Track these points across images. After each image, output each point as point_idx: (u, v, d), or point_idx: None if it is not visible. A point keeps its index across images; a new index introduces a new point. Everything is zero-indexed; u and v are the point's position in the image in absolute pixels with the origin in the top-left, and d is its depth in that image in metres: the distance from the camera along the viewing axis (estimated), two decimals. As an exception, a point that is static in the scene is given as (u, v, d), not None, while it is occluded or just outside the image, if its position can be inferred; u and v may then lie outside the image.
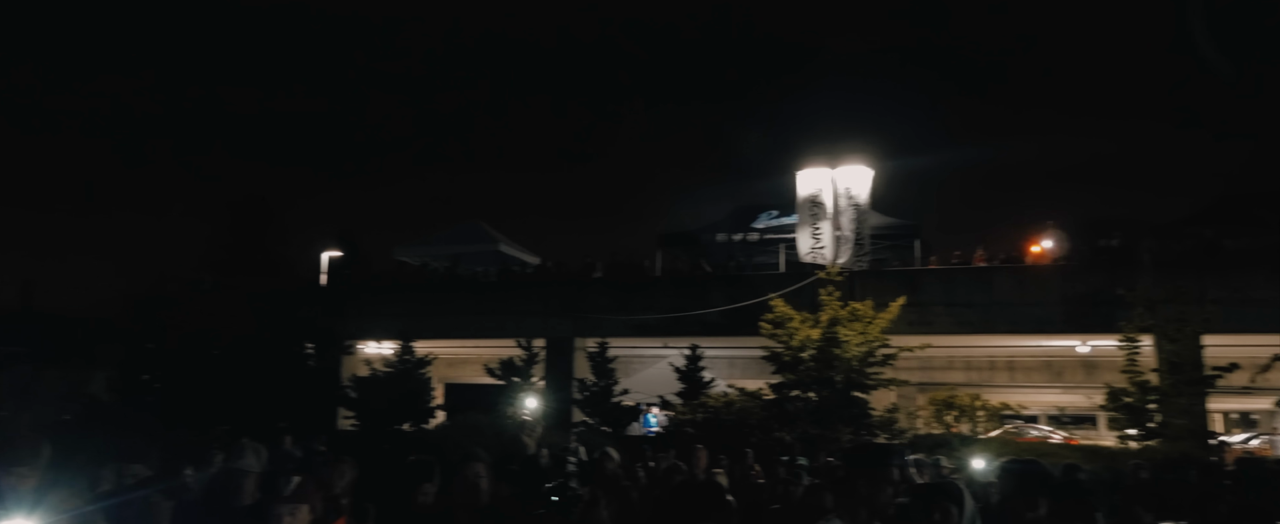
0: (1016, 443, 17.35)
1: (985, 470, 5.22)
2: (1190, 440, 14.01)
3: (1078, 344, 20.69)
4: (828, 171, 19.19)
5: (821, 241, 18.85)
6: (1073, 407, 29.52)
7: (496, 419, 15.40)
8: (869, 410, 15.29)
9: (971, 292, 18.19)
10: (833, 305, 15.67)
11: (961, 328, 18.40)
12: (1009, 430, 23.34)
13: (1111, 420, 15.40)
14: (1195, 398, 14.71)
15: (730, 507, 5.81)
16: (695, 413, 16.11)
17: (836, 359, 15.21)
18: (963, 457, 10.58)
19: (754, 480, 7.01)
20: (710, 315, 19.33)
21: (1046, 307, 17.74)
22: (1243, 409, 30.26)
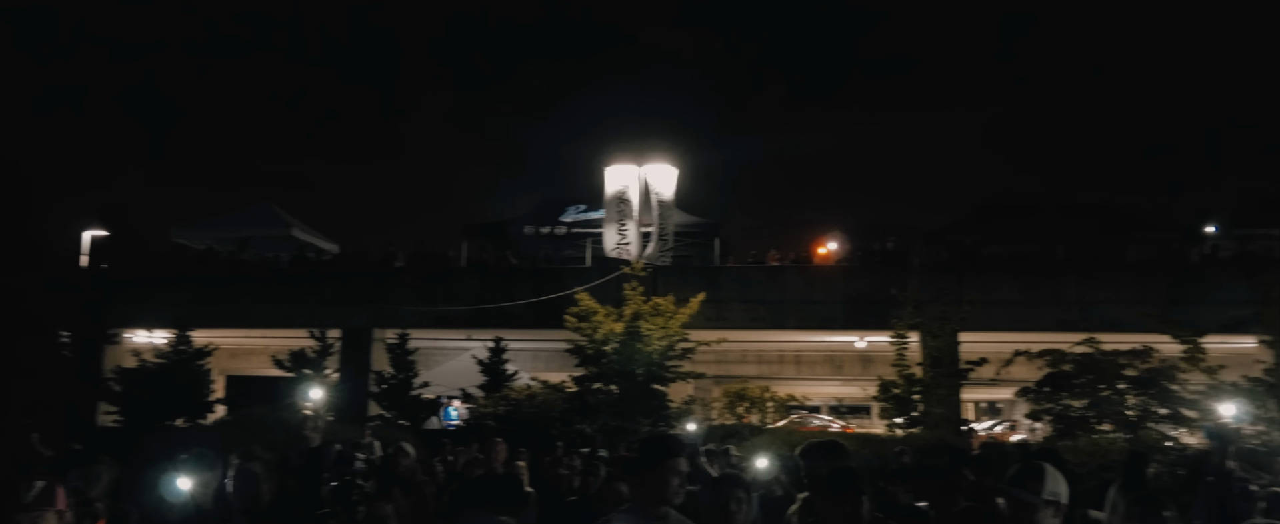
0: (801, 432, 18.54)
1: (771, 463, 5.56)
2: (946, 427, 15.56)
3: (856, 340, 22.37)
4: (635, 169, 19.63)
5: (627, 237, 19.27)
6: (851, 397, 32.01)
7: (281, 413, 14.54)
8: (668, 402, 15.81)
9: (765, 290, 19.26)
10: (636, 300, 16.05)
11: (755, 323, 19.43)
12: (794, 420, 24.94)
13: (882, 410, 16.79)
14: (952, 389, 16.36)
15: (529, 499, 5.84)
16: (497, 406, 15.99)
17: (638, 353, 15.60)
18: (753, 446, 11.17)
19: (556, 472, 7.07)
20: (515, 308, 19.23)
21: (831, 305, 19.08)
22: (990, 399, 33.99)
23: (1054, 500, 2.63)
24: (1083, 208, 31.15)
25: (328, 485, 4.81)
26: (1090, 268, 20.14)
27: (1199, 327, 14.70)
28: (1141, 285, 17.88)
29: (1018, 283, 18.49)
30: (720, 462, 7.87)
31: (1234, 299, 16.29)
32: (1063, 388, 14.55)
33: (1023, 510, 2.63)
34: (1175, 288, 17.54)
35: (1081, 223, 28.10)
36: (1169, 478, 8.72)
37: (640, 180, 19.67)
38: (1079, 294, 17.96)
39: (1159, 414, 13.67)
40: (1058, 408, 14.56)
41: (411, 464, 5.89)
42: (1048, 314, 17.69)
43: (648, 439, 3.46)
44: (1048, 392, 14.72)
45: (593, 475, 6.34)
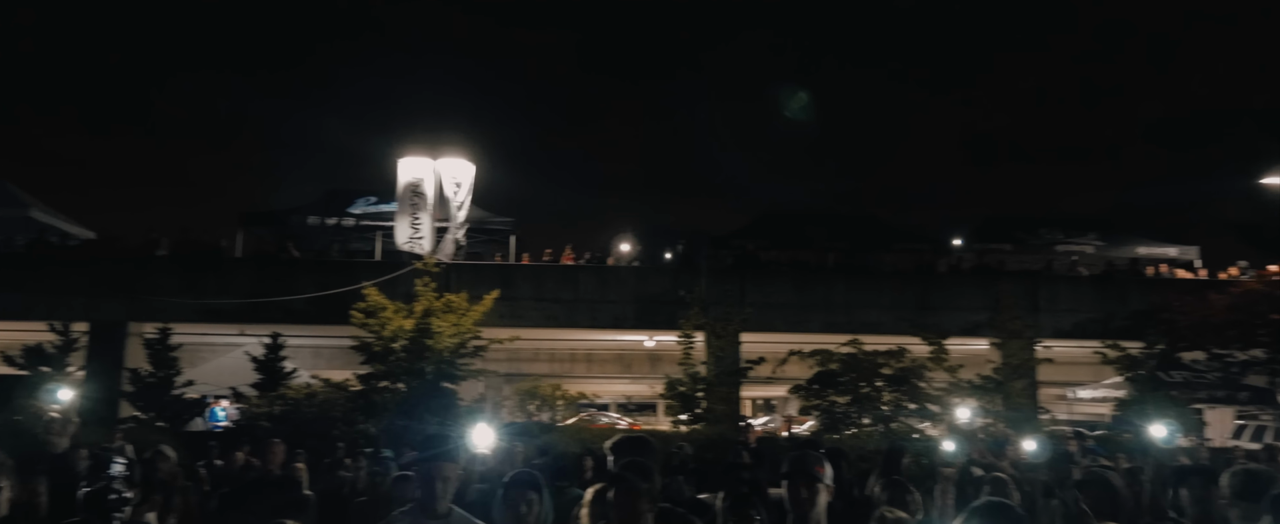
0: (591, 429, 18.84)
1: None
2: (726, 423, 16.42)
3: (646, 339, 23.07)
4: (430, 161, 19.13)
5: (420, 232, 18.72)
6: (639, 395, 32.92)
7: (15, 415, 12.85)
8: (458, 400, 15.54)
9: (560, 288, 19.40)
10: (428, 296, 15.66)
11: (549, 322, 19.53)
12: (584, 418, 25.34)
13: (668, 407, 17.44)
14: (733, 387, 17.28)
15: (308, 501, 5.56)
16: (272, 406, 15.03)
17: (428, 350, 15.23)
18: (546, 443, 11.23)
19: (338, 473, 6.76)
20: (296, 302, 18.14)
21: (623, 305, 19.54)
22: (765, 396, 36.14)
23: (828, 484, 2.97)
24: (852, 218, 33.85)
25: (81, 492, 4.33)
26: (856, 275, 21.94)
27: (943, 330, 16.46)
28: (898, 292, 19.68)
29: (794, 287, 19.80)
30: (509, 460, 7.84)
31: (972, 306, 18.37)
32: (830, 385, 15.78)
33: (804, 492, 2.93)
34: (925, 295, 19.47)
35: (850, 232, 30.54)
36: (915, 467, 9.72)
37: (435, 174, 19.19)
38: (846, 299, 19.48)
39: (909, 408, 15.17)
40: (825, 404, 15.79)
41: (171, 468, 5.45)
42: (819, 317, 19.07)
43: (434, 436, 3.45)
44: (817, 389, 15.91)
45: (379, 476, 6.14)
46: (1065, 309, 18.84)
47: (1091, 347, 16.99)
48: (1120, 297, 18.99)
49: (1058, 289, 19.75)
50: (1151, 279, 22.01)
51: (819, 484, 2.95)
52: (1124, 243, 30.29)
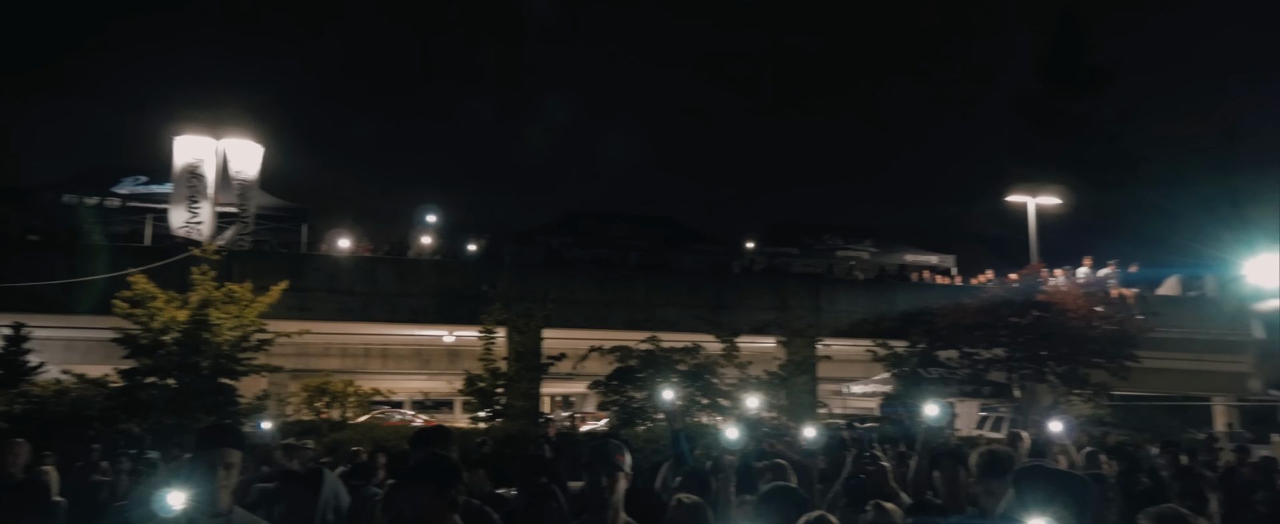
0: (383, 427, 18.18)
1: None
2: (526, 419, 16.39)
3: (445, 334, 22.56)
4: (211, 142, 17.72)
5: (199, 216, 17.30)
6: (436, 392, 32.07)
7: None
8: (237, 397, 14.49)
9: (355, 280, 18.56)
10: (206, 286, 14.47)
11: (343, 315, 18.64)
12: (376, 415, 24.35)
13: (466, 403, 17.15)
14: (533, 382, 17.26)
15: (59, 508, 4.99)
16: (13, 404, 13.32)
17: (205, 343, 14.08)
18: (334, 441, 10.73)
19: (93, 478, 6.11)
20: (46, 289, 16.19)
21: (423, 298, 19.01)
22: (565, 392, 36.40)
23: (627, 472, 3.06)
24: (653, 219, 34.85)
25: None
26: (656, 273, 22.59)
27: (735, 328, 17.29)
28: (695, 291, 20.47)
29: (596, 284, 20.10)
30: (299, 457, 7.44)
31: (762, 305, 19.41)
32: (628, 381, 16.14)
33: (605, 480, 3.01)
34: (720, 294, 20.38)
35: (652, 233, 31.43)
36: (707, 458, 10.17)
37: (218, 155, 17.79)
38: (646, 296, 20.01)
39: (702, 403, 15.80)
40: (622, 399, 16.13)
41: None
42: (620, 314, 19.46)
43: (202, 429, 3.24)
44: (615, 385, 16.22)
45: (147, 477, 5.61)
46: (843, 310, 20.35)
47: (864, 345, 18.43)
48: (890, 299, 20.77)
49: (837, 291, 21.30)
50: (916, 284, 24.25)
51: (619, 473, 3.04)
52: (894, 250, 33.19)
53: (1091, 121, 39.32)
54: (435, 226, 24.13)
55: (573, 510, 4.30)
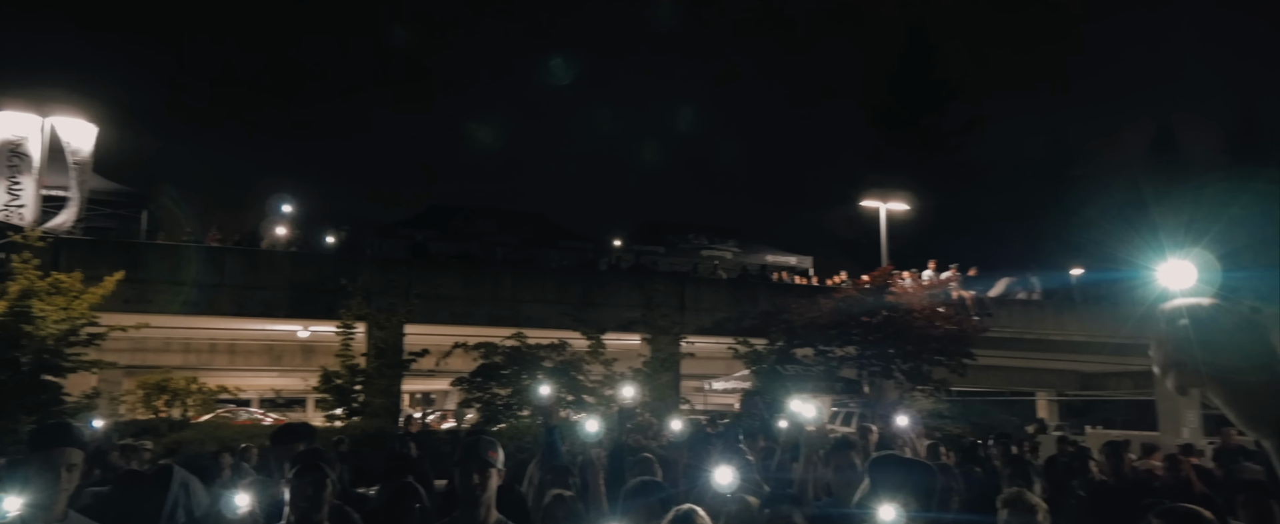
0: (230, 426, 17.22)
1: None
2: (385, 417, 15.92)
3: (299, 329, 21.60)
4: (37, 118, 16.27)
5: (21, 199, 15.86)
6: (289, 389, 30.66)
7: None
8: (62, 396, 13.35)
9: (201, 271, 17.43)
10: (29, 275, 13.25)
11: (186, 308, 17.48)
12: (221, 414, 23.04)
13: (321, 401, 16.47)
14: (393, 379, 16.78)
15: None
16: None
17: (27, 337, 12.90)
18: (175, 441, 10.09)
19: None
20: None
21: (276, 291, 18.09)
22: (426, 389, 35.57)
23: (500, 469, 3.04)
24: (521, 215, 34.55)
25: None
26: (523, 269, 22.40)
27: (602, 325, 17.39)
28: (562, 288, 20.43)
29: (461, 280, 19.72)
30: (137, 458, 6.95)
31: (628, 303, 19.59)
32: (492, 378, 15.94)
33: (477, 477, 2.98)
34: (587, 292, 20.42)
35: (519, 228, 31.15)
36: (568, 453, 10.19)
37: (45, 132, 16.35)
38: (512, 293, 19.80)
39: (567, 400, 15.80)
40: (486, 396, 15.92)
41: None
42: (485, 310, 19.18)
43: (38, 429, 2.99)
44: (479, 381, 15.99)
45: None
46: (706, 308, 20.81)
47: (726, 343, 18.92)
48: (751, 298, 21.41)
49: (701, 290, 21.76)
50: (775, 284, 25.10)
51: (492, 470, 3.02)
52: (756, 251, 34.26)
53: (936, 133, 41.88)
54: (291, 217, 23.01)
55: (436, 508, 4.23)
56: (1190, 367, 0.99)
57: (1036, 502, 3.77)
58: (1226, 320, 1.00)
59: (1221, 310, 1.01)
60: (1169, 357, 1.01)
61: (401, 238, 26.17)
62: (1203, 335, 0.99)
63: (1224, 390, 0.99)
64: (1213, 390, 0.99)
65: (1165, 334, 1.02)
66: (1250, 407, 0.98)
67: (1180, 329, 1.00)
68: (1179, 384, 1.02)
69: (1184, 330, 1.00)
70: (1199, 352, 0.98)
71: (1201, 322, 1.00)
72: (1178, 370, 1.00)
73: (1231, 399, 0.99)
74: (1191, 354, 0.99)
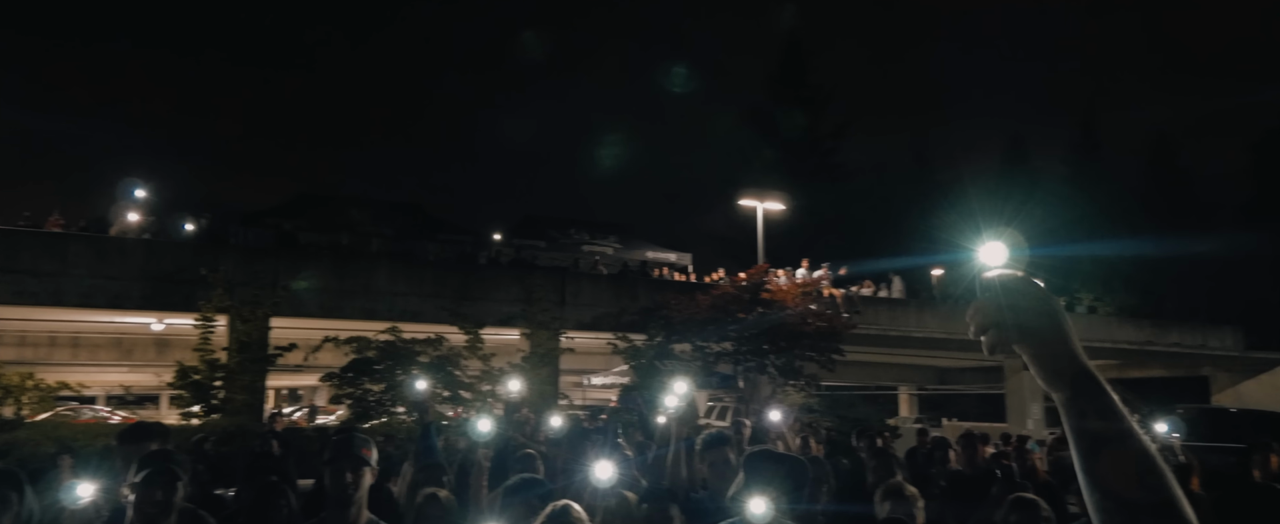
0: (72, 425, 16.02)
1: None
2: (248, 414, 15.16)
3: (153, 322, 20.30)
4: None
5: None
6: (140, 385, 28.76)
7: None
8: None
9: (40, 259, 16.08)
10: None
11: (22, 299, 16.11)
12: (62, 412, 21.39)
13: (176, 398, 15.54)
14: (257, 375, 16.01)
15: None
16: None
17: None
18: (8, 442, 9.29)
19: None
20: None
21: (127, 281, 16.91)
22: (293, 385, 34.11)
23: (373, 467, 2.95)
24: (398, 206, 33.63)
25: None
26: (399, 261, 21.77)
27: (480, 320, 17.13)
28: (440, 281, 19.96)
29: (333, 271, 18.99)
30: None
31: (508, 297, 19.38)
32: (365, 373, 15.45)
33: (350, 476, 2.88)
34: (465, 285, 20.05)
35: (396, 219, 30.31)
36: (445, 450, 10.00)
37: None
38: (388, 286, 19.21)
39: (443, 396, 15.49)
40: (358, 392, 15.41)
41: None
42: (358, 303, 18.55)
43: None
44: (351, 377, 15.47)
45: None
46: (587, 303, 20.81)
47: (606, 338, 18.99)
48: (631, 294, 21.55)
49: (582, 285, 21.74)
50: (656, 280, 25.37)
51: (365, 468, 2.91)
52: (636, 247, 34.56)
53: (811, 135, 43.34)
54: (145, 203, 21.49)
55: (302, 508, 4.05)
56: (1003, 329, 1.14)
57: (913, 491, 3.97)
58: (1030, 290, 1.16)
59: (1025, 281, 1.17)
60: (985, 321, 1.15)
61: (268, 227, 25.01)
62: (1012, 302, 1.14)
63: (1030, 350, 1.14)
64: (1021, 350, 1.14)
65: (982, 302, 1.16)
66: (1050, 364, 1.13)
67: (994, 297, 1.15)
68: (992, 344, 1.16)
69: (997, 298, 1.15)
70: (1010, 317, 1.13)
71: (1011, 291, 1.15)
72: (993, 332, 1.15)
73: (1035, 357, 1.14)
74: (1004, 318, 1.14)
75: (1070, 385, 1.12)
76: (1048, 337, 1.13)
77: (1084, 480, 1.10)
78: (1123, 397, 1.13)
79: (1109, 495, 1.07)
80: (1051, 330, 1.14)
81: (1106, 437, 1.09)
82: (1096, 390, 1.12)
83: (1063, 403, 1.13)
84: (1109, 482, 1.07)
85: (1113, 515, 1.06)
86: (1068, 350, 1.13)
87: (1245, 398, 28.40)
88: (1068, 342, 1.14)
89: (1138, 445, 1.08)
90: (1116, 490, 1.06)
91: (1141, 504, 1.05)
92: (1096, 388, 1.12)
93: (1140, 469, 1.06)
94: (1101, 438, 1.09)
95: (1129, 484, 1.06)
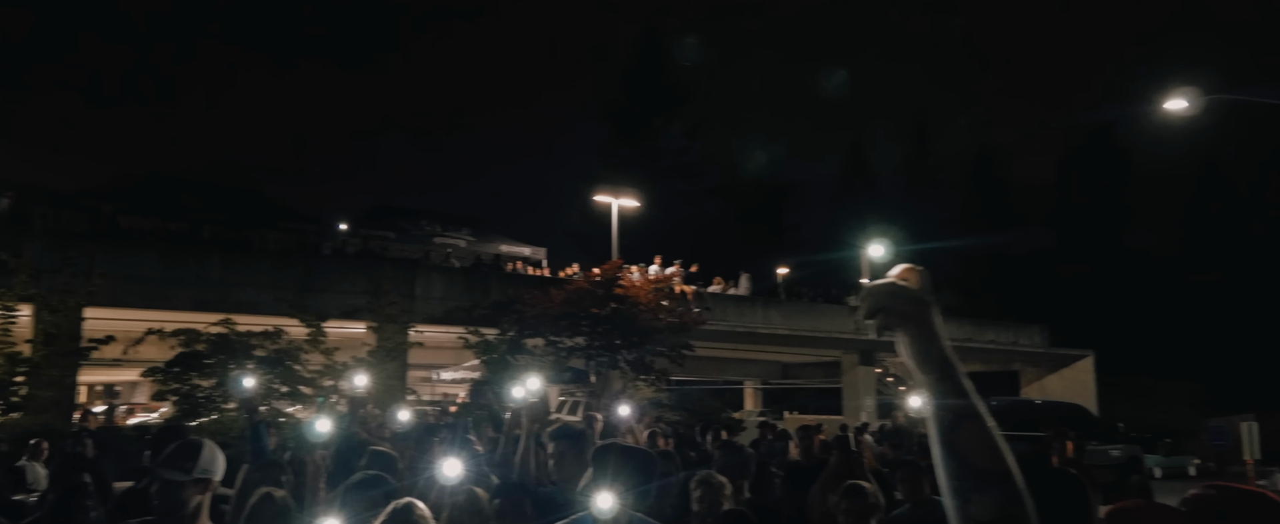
0: None
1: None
2: (54, 412, 13.90)
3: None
4: None
5: None
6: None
7: None
8: None
9: None
10: None
11: None
12: None
13: (-31, 396, 14.05)
14: (67, 370, 14.71)
15: None
16: None
17: None
18: None
19: None
20: None
21: (-92, 265, 15.09)
22: (110, 381, 31.46)
23: (205, 478, 2.72)
24: (234, 191, 31.69)
25: None
26: (234, 250, 20.54)
27: (323, 312, 16.40)
28: (280, 271, 18.98)
29: (160, 259, 17.68)
30: None
31: (354, 289, 18.66)
32: (193, 368, 14.48)
33: (171, 488, 2.63)
34: (308, 276, 19.15)
35: (231, 205, 28.53)
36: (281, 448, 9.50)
37: None
38: (221, 275, 18.10)
39: (281, 391, 14.73)
40: (186, 388, 14.43)
41: None
42: (188, 293, 17.38)
43: None
44: (178, 372, 14.47)
45: None
46: (438, 297, 20.35)
47: (457, 332, 18.64)
48: (484, 288, 21.24)
49: (433, 278, 21.23)
50: (509, 274, 25.13)
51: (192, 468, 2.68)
52: (490, 240, 34.08)
53: (665, 134, 44.16)
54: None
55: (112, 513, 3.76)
56: (888, 315, 1.30)
57: (722, 480, 4.12)
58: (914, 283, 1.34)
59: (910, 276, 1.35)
60: (874, 306, 1.31)
61: (84, 209, 22.96)
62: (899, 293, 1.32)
63: (910, 334, 1.30)
64: (903, 334, 1.31)
65: (874, 290, 1.33)
66: (923, 347, 1.30)
67: (886, 286, 1.32)
68: (880, 327, 1.32)
69: (889, 288, 1.32)
70: (897, 304, 1.31)
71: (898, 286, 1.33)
72: (881, 316, 1.31)
73: (912, 340, 1.30)
74: (890, 305, 1.30)
75: (939, 367, 1.29)
76: (923, 325, 1.30)
77: (942, 453, 1.27)
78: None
79: (964, 463, 1.24)
80: (926, 320, 1.31)
81: (965, 413, 1.26)
82: (957, 373, 1.30)
83: (931, 383, 1.29)
84: (966, 452, 1.25)
85: (964, 481, 1.24)
86: (937, 337, 1.31)
87: (1049, 391, 31.23)
88: (937, 331, 1.31)
89: (989, 423, 1.27)
90: (972, 460, 1.24)
91: (990, 473, 1.23)
92: (957, 371, 1.30)
93: (990, 442, 1.25)
94: (961, 413, 1.27)
95: (982, 454, 1.24)
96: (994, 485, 1.22)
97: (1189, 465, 25.91)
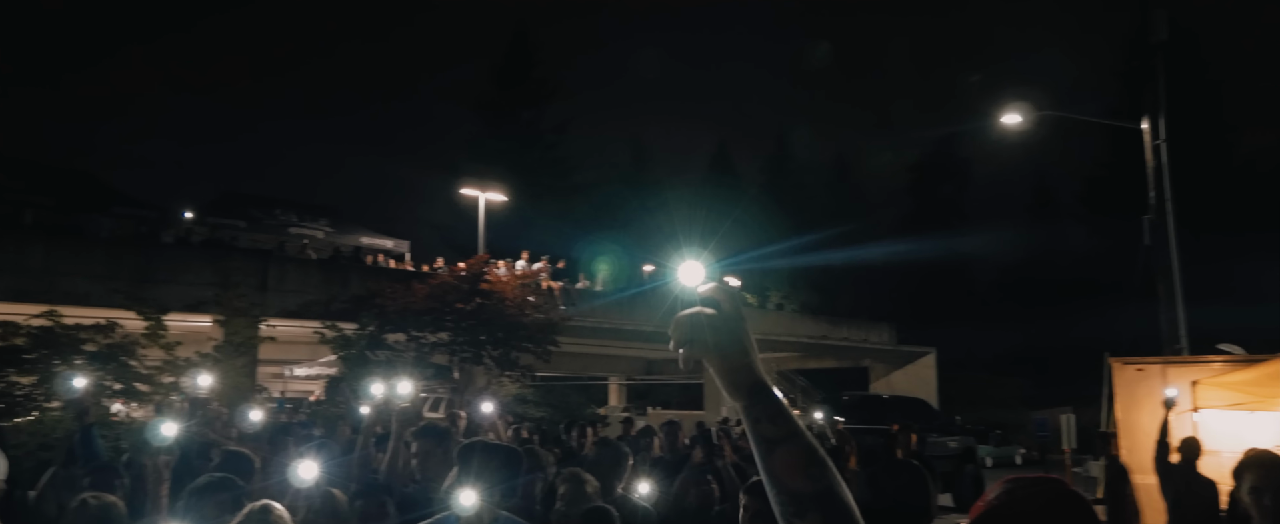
0: None
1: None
2: None
3: None
4: None
5: None
6: None
7: None
8: None
9: None
10: None
11: None
12: None
13: None
14: None
15: None
16: None
17: None
18: None
19: None
20: None
21: None
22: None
23: None
24: (62, 172, 29.17)
25: None
26: (61, 237, 18.99)
27: (164, 305, 15.37)
28: (115, 261, 17.68)
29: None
30: None
31: (200, 281, 17.58)
32: (10, 364, 13.28)
33: None
34: (147, 266, 17.91)
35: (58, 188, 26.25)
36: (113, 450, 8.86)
37: None
38: (46, 264, 16.66)
39: (114, 389, 13.71)
40: (2, 386, 13.20)
41: None
42: (6, 282, 15.91)
43: None
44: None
45: None
46: (293, 290, 19.46)
47: (313, 326, 17.89)
48: (343, 281, 20.47)
49: (287, 270, 20.29)
50: (370, 267, 24.32)
51: None
52: (350, 231, 32.84)
53: (534, 129, 43.86)
54: None
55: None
56: (696, 345, 1.29)
57: (588, 477, 4.18)
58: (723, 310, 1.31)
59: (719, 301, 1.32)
60: (682, 337, 1.30)
61: None
62: (706, 321, 1.30)
63: (716, 364, 1.29)
64: (711, 363, 1.30)
65: (681, 319, 1.31)
66: (732, 377, 1.29)
67: (693, 317, 1.30)
68: (686, 358, 1.31)
69: (695, 318, 1.29)
70: (703, 334, 1.29)
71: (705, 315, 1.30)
72: (688, 347, 1.30)
73: (720, 370, 1.30)
74: (698, 336, 1.29)
75: (748, 395, 1.29)
76: (732, 353, 1.29)
77: (764, 476, 1.27)
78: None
79: (782, 487, 1.24)
80: (736, 348, 1.29)
81: (778, 438, 1.25)
82: (769, 399, 1.29)
83: (742, 410, 1.29)
84: (781, 475, 1.24)
85: (786, 505, 1.23)
86: (748, 364, 1.30)
87: (896, 386, 33.04)
88: (749, 358, 1.30)
89: (803, 443, 1.26)
90: (787, 483, 1.24)
91: (807, 494, 1.23)
92: (769, 397, 1.29)
93: (805, 463, 1.24)
94: (774, 439, 1.25)
95: (797, 477, 1.24)
96: (813, 507, 1.22)
97: (1016, 455, 28.04)
